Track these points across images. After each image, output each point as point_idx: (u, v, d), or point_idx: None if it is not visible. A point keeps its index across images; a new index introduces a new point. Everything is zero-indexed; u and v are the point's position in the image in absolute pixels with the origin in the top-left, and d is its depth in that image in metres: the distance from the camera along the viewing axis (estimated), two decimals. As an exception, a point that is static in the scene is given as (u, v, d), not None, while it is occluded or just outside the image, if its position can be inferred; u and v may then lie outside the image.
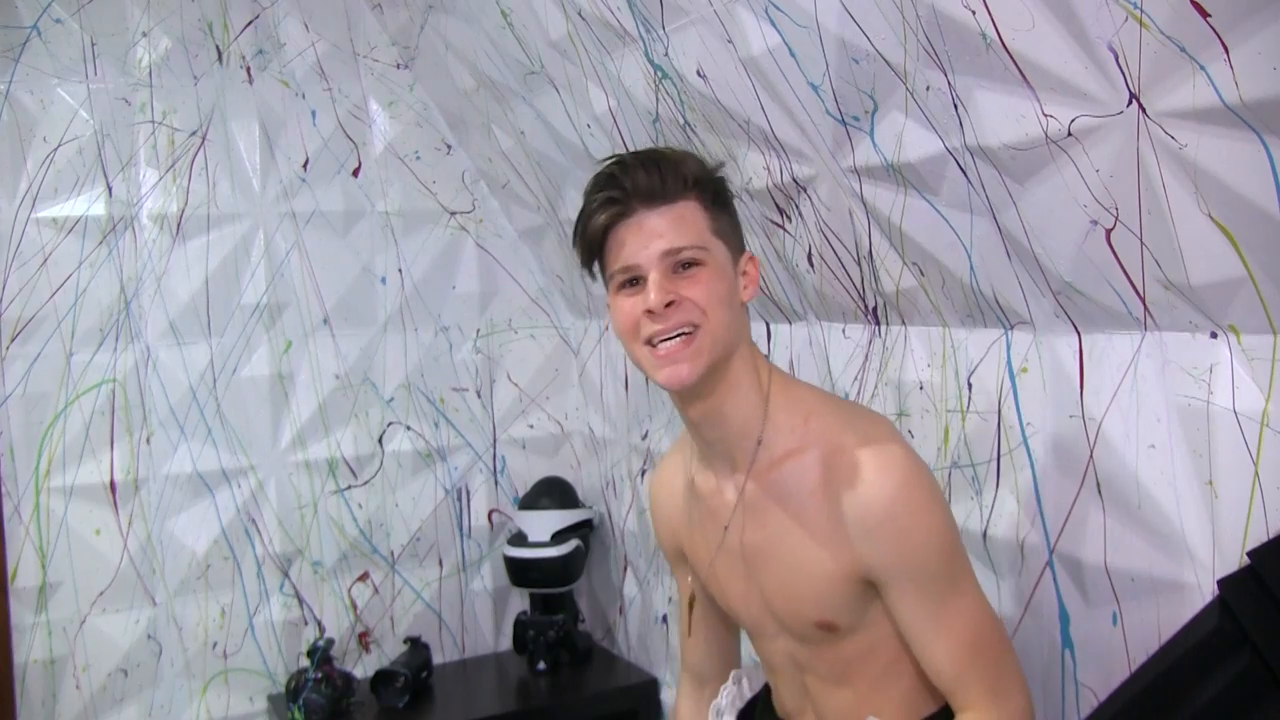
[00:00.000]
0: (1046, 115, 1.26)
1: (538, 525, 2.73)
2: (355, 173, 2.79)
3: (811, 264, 1.87)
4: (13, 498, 2.48)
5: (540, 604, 2.79)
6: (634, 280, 1.31)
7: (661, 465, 1.62)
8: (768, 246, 1.96)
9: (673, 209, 1.31)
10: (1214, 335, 1.26)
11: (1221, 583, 1.22)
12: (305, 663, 2.57)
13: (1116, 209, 1.26)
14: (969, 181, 1.45)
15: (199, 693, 2.63)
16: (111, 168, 2.57)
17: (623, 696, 2.64)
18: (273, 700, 2.65)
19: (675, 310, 1.29)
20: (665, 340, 1.29)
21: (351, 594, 2.78)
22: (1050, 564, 1.51)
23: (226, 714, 2.65)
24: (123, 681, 2.57)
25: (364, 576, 2.79)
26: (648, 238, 1.30)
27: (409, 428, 2.84)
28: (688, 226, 1.31)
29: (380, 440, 2.81)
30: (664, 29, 1.84)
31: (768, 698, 1.56)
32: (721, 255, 1.33)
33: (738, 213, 1.41)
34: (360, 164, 2.80)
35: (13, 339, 2.48)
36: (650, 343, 1.30)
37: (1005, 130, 1.32)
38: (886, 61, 1.45)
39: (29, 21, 2.51)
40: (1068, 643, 1.50)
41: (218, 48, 2.66)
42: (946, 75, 1.37)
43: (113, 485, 2.57)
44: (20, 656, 2.48)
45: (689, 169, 1.33)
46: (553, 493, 2.83)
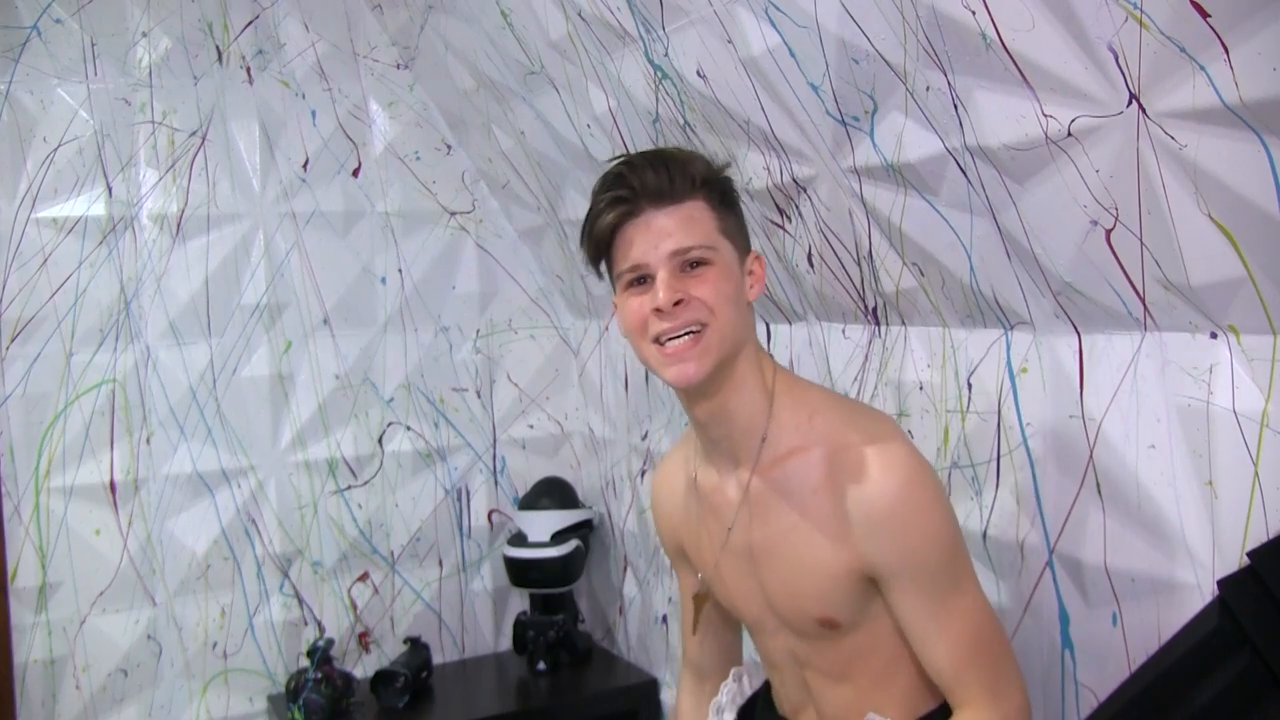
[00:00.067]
0: (1046, 115, 1.26)
1: (538, 525, 2.73)
2: (355, 173, 2.79)
3: (811, 264, 1.87)
4: (13, 498, 2.48)
5: (540, 604, 2.79)
6: (642, 279, 1.32)
7: (664, 463, 1.63)
8: (768, 247, 1.96)
9: (681, 209, 1.31)
10: (1214, 335, 1.26)
11: (1221, 583, 1.22)
12: (305, 663, 2.57)
13: (1116, 209, 1.26)
14: (969, 182, 1.45)
15: (199, 693, 2.63)
16: (111, 168, 2.57)
17: (623, 697, 2.64)
18: (273, 700, 2.65)
19: (683, 309, 1.30)
20: (673, 339, 1.30)
21: (351, 594, 2.78)
22: (1050, 564, 1.51)
23: (226, 714, 2.65)
24: (123, 682, 2.57)
25: (364, 577, 2.79)
26: (656, 237, 1.31)
27: (409, 428, 2.84)
28: (696, 226, 1.31)
29: (380, 440, 2.81)
30: (664, 29, 1.84)
31: (768, 695, 1.56)
32: (729, 254, 1.34)
33: (743, 213, 1.42)
34: (360, 164, 2.80)
35: (13, 339, 2.48)
36: (658, 341, 1.31)
37: (1005, 130, 1.32)
38: (886, 62, 1.45)
39: (29, 21, 2.51)
40: (1067, 643, 1.50)
41: (218, 48, 2.66)
42: (946, 75, 1.37)
43: (113, 485, 2.57)
44: (20, 656, 2.48)
45: (696, 169, 1.34)
46: (553, 493, 2.83)
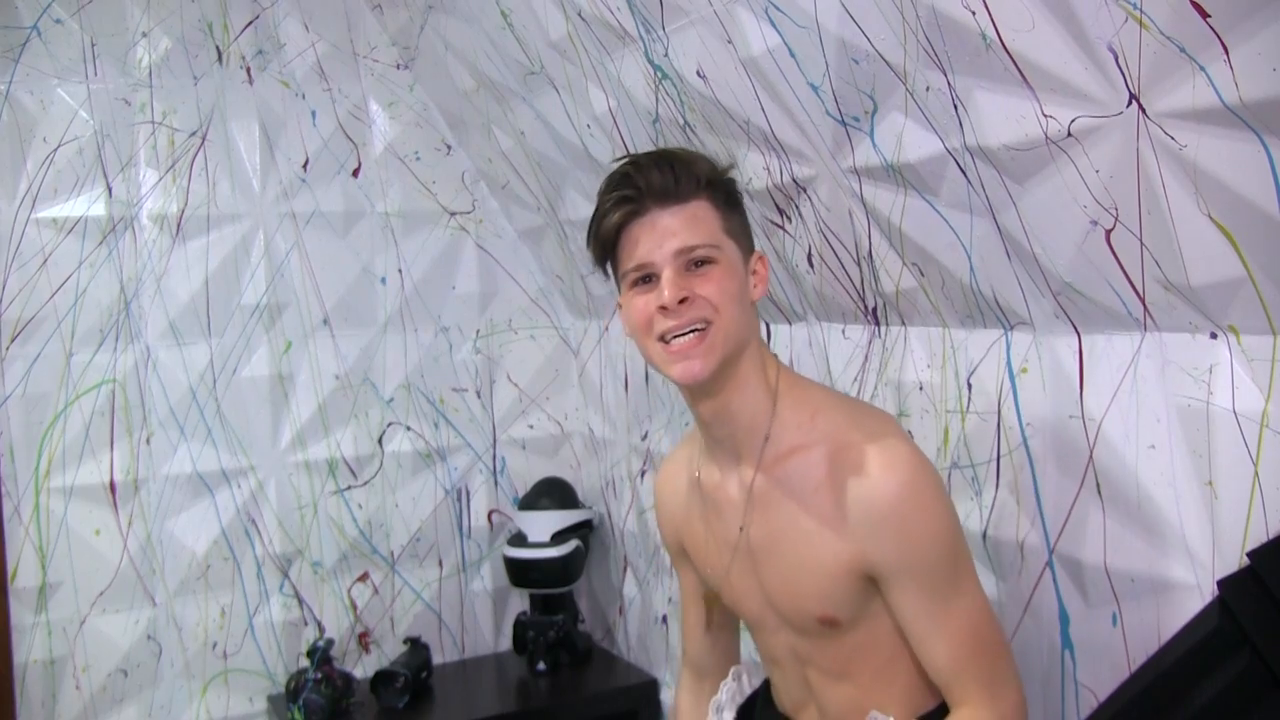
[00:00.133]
0: (1046, 116, 1.26)
1: (537, 526, 2.73)
2: (355, 173, 2.79)
3: (811, 264, 1.87)
4: (13, 498, 2.48)
5: (540, 604, 2.79)
6: (647, 278, 1.33)
7: (666, 462, 1.64)
8: (768, 247, 1.96)
9: (686, 208, 1.33)
10: (1214, 336, 1.26)
11: (1221, 583, 1.22)
12: (305, 663, 2.57)
13: (1116, 209, 1.26)
14: (969, 182, 1.45)
15: (199, 693, 2.63)
16: (111, 168, 2.57)
17: (622, 697, 2.64)
18: (272, 701, 2.65)
19: (688, 307, 1.31)
20: (678, 336, 1.31)
21: (351, 594, 2.78)
22: (1050, 564, 1.51)
23: (226, 714, 2.65)
24: (122, 682, 2.57)
25: (364, 577, 2.79)
26: (661, 236, 1.32)
27: (409, 428, 2.84)
28: (700, 225, 1.33)
29: (380, 440, 2.81)
30: (664, 29, 1.84)
31: (768, 693, 1.57)
32: (733, 254, 1.35)
33: (747, 213, 1.43)
34: (360, 164, 2.80)
35: (13, 339, 2.48)
36: (663, 339, 1.32)
37: (1005, 131, 1.32)
38: (886, 62, 1.45)
39: (29, 22, 2.51)
40: (1068, 643, 1.50)
41: (218, 48, 2.66)
42: (946, 76, 1.37)
43: (112, 485, 2.57)
44: (20, 657, 2.48)
45: (701, 170, 1.35)
46: (553, 493, 2.83)
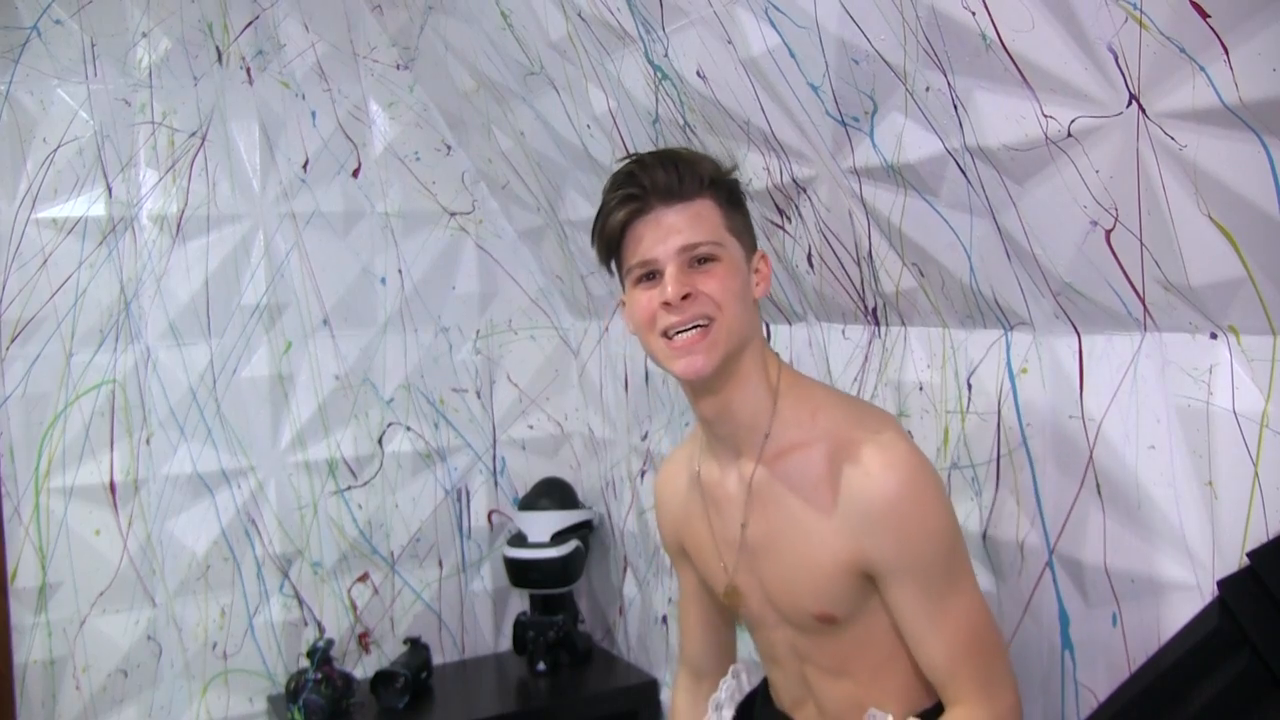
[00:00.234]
0: (1046, 116, 1.26)
1: (537, 526, 2.73)
2: (355, 173, 2.79)
3: (811, 265, 1.87)
4: (13, 498, 2.48)
5: (540, 605, 2.79)
6: (651, 274, 1.35)
7: (667, 461, 1.65)
8: (768, 247, 1.96)
9: (690, 206, 1.34)
10: (1214, 336, 1.26)
11: (1221, 583, 1.22)
12: (305, 663, 2.57)
13: (1116, 210, 1.26)
14: (969, 182, 1.45)
15: (199, 693, 2.63)
16: (111, 168, 2.57)
17: (622, 697, 2.64)
18: (272, 701, 2.65)
19: (691, 303, 1.32)
20: (681, 332, 1.33)
21: (351, 594, 2.78)
22: (1050, 565, 1.51)
23: (226, 714, 2.65)
24: (122, 682, 2.57)
25: (364, 577, 2.79)
26: (665, 233, 1.33)
27: (409, 428, 2.84)
28: (704, 223, 1.34)
29: (380, 441, 2.81)
30: (664, 30, 1.84)
31: (767, 691, 1.57)
32: (736, 252, 1.37)
33: (750, 214, 1.44)
34: (360, 165, 2.80)
35: (13, 339, 2.48)
36: (666, 335, 1.34)
37: (1005, 131, 1.32)
38: (886, 62, 1.45)
39: (29, 22, 2.51)
40: (1068, 644, 1.50)
41: (218, 48, 2.66)
42: (946, 76, 1.37)
43: (112, 486, 2.57)
44: (20, 657, 2.48)
45: (705, 169, 1.37)
46: (552, 493, 2.83)
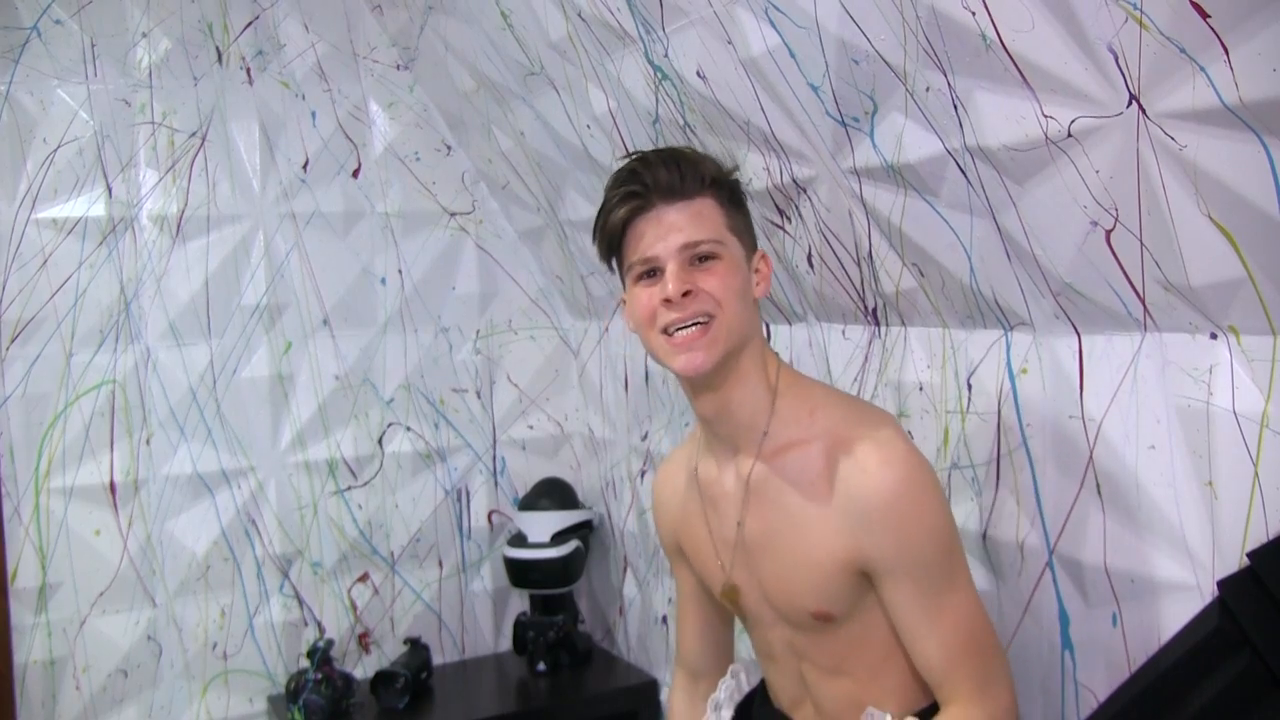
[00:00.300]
0: (1046, 116, 1.26)
1: (537, 526, 2.73)
2: (355, 174, 2.79)
3: (811, 265, 1.87)
4: (13, 498, 2.48)
5: (540, 605, 2.79)
6: (652, 272, 1.36)
7: (666, 462, 1.66)
8: (768, 247, 1.95)
9: (691, 205, 1.35)
10: (1214, 336, 1.26)
11: (1221, 583, 1.22)
12: (305, 664, 2.57)
13: (1116, 210, 1.26)
14: (969, 182, 1.45)
15: (199, 694, 2.63)
16: (111, 169, 2.57)
17: (622, 697, 2.64)
18: (272, 701, 2.65)
19: (692, 300, 1.33)
20: (682, 329, 1.33)
21: (351, 595, 2.78)
22: (1050, 565, 1.51)
23: (226, 715, 2.64)
24: (122, 682, 2.57)
25: (364, 577, 2.79)
26: (666, 230, 1.34)
27: (409, 428, 2.84)
28: (705, 221, 1.35)
29: (380, 441, 2.81)
30: (664, 30, 1.84)
31: (765, 691, 1.57)
32: (737, 251, 1.38)
33: (750, 214, 1.45)
34: (360, 165, 2.80)
35: (13, 340, 2.48)
36: (666, 331, 1.34)
37: (1005, 131, 1.32)
38: (886, 62, 1.45)
39: (29, 22, 2.51)
40: (1068, 644, 1.50)
41: (217, 49, 2.66)
42: (946, 76, 1.37)
43: (112, 486, 2.57)
44: (20, 657, 2.48)
45: (707, 169, 1.38)
46: (553, 494, 2.83)
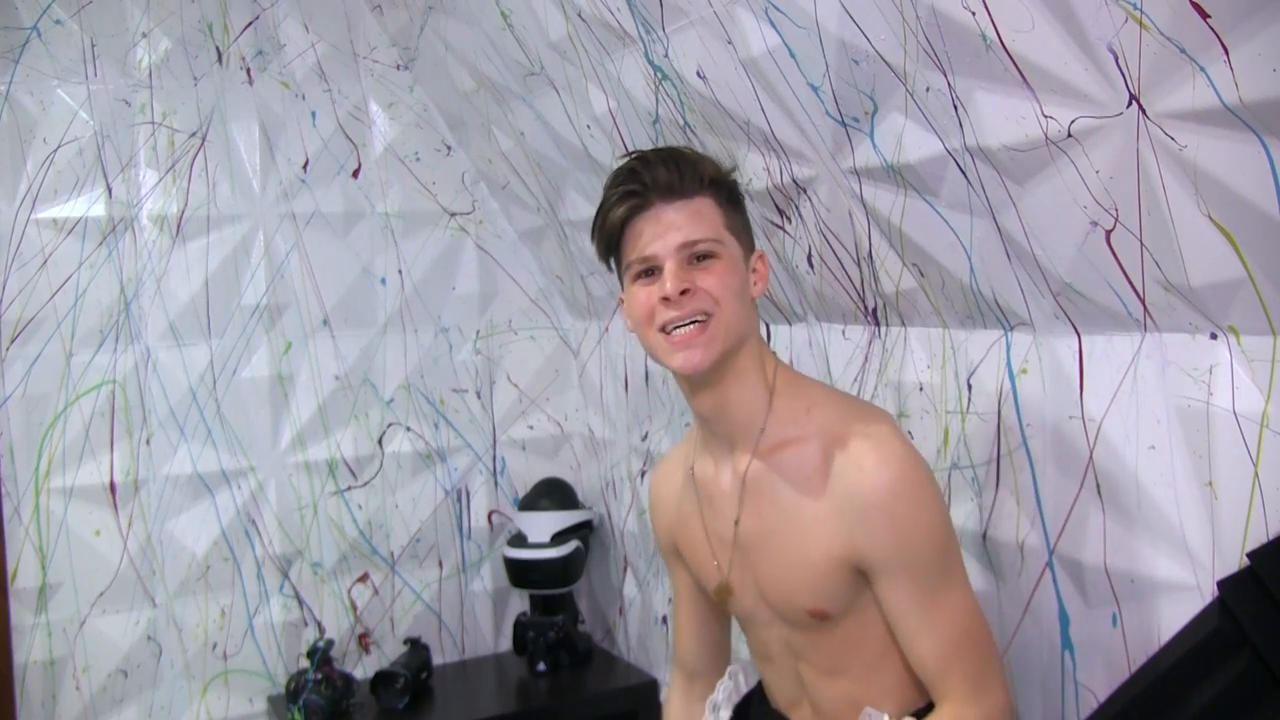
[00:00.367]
0: (1046, 116, 1.26)
1: (537, 526, 2.73)
2: (355, 174, 2.79)
3: (811, 265, 1.87)
4: (13, 499, 2.48)
5: (540, 605, 2.79)
6: (650, 270, 1.36)
7: (663, 461, 1.66)
8: (768, 247, 1.96)
9: (689, 204, 1.36)
10: (1214, 336, 1.26)
11: (1221, 584, 1.22)
12: (305, 664, 2.57)
13: (1116, 210, 1.26)
14: (969, 183, 1.45)
15: (199, 694, 2.63)
16: (111, 169, 2.57)
17: (622, 697, 2.64)
18: (272, 701, 2.65)
19: (690, 299, 1.33)
20: (680, 327, 1.34)
21: (351, 595, 2.78)
22: (1050, 565, 1.51)
23: (226, 715, 2.64)
24: (122, 683, 2.57)
25: (364, 577, 2.79)
26: (665, 229, 1.35)
27: (409, 429, 2.84)
28: (704, 221, 1.36)
29: (380, 441, 2.81)
30: (664, 30, 1.84)
31: (763, 692, 1.57)
32: (735, 250, 1.38)
33: (749, 213, 1.46)
34: (360, 165, 2.80)
35: (13, 340, 2.48)
36: (665, 330, 1.35)
37: (1005, 131, 1.32)
38: (886, 63, 1.45)
39: (29, 22, 2.51)
40: (1068, 644, 1.50)
41: (218, 49, 2.66)
42: (946, 76, 1.37)
43: (112, 486, 2.57)
44: (20, 657, 2.48)
45: (706, 168, 1.39)
46: (553, 494, 2.83)
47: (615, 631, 2.89)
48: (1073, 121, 1.24)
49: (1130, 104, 1.18)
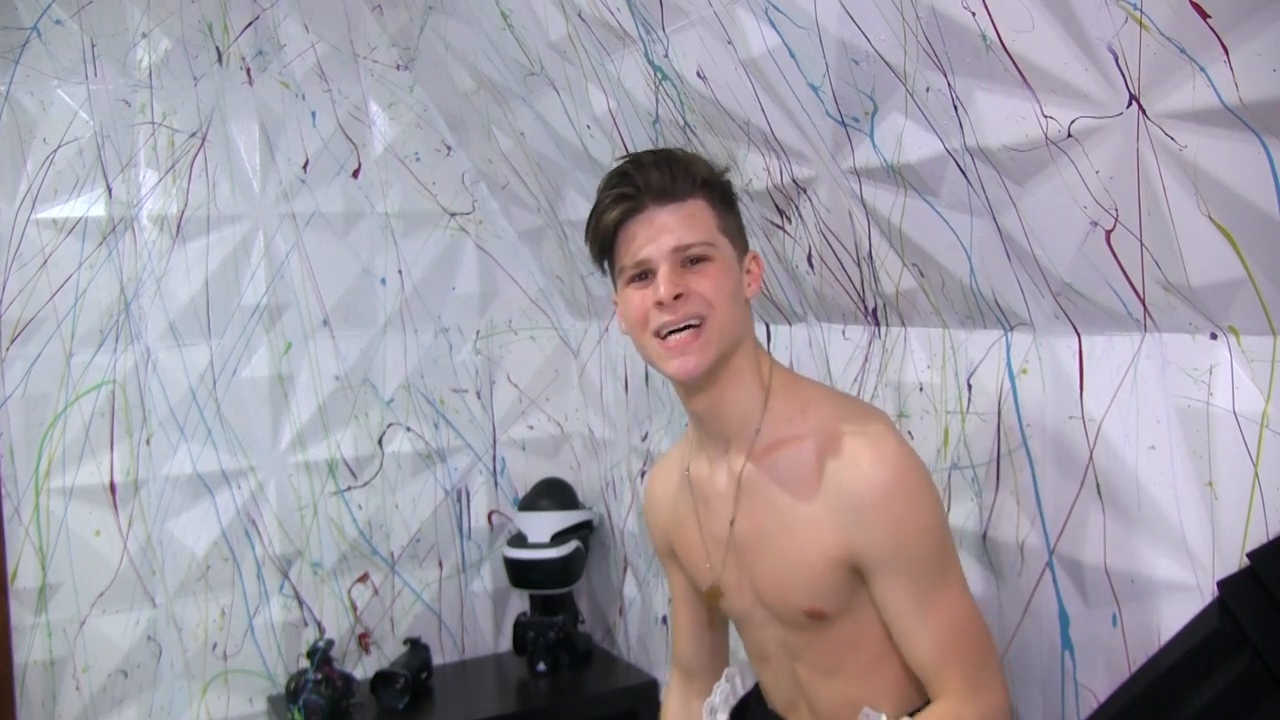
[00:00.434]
0: (1046, 116, 1.26)
1: (537, 526, 2.73)
2: (355, 174, 2.79)
3: (811, 265, 1.87)
4: (13, 499, 2.48)
5: (540, 605, 2.79)
6: (644, 274, 1.36)
7: (659, 463, 1.66)
8: (768, 248, 1.96)
9: (683, 206, 1.35)
10: (1214, 336, 1.26)
11: (1221, 584, 1.22)
12: (305, 664, 2.57)
13: (1116, 210, 1.26)
14: (969, 183, 1.45)
15: (199, 694, 2.63)
16: (111, 169, 2.57)
17: (623, 697, 2.64)
18: (272, 701, 2.65)
19: (684, 303, 1.33)
20: (674, 332, 1.34)
21: (351, 595, 2.78)
22: (1050, 565, 1.51)
23: (226, 715, 2.64)
24: (122, 683, 2.57)
25: (364, 577, 2.79)
26: (658, 232, 1.34)
27: (409, 429, 2.84)
28: (697, 223, 1.35)
29: (380, 441, 2.81)
30: (664, 30, 1.84)
31: (760, 694, 1.57)
32: (728, 252, 1.38)
33: (741, 214, 1.45)
34: (360, 165, 2.80)
35: (13, 340, 2.48)
36: (659, 334, 1.34)
37: (1005, 131, 1.32)
38: (886, 63, 1.45)
39: (29, 23, 2.51)
40: (1068, 644, 1.50)
41: (217, 49, 2.66)
42: (946, 76, 1.37)
43: (112, 486, 2.57)
44: (20, 657, 2.48)
45: (699, 170, 1.38)
46: (553, 494, 2.83)
47: (615, 631, 2.89)
48: (1073, 121, 1.24)
49: (1130, 104, 1.18)
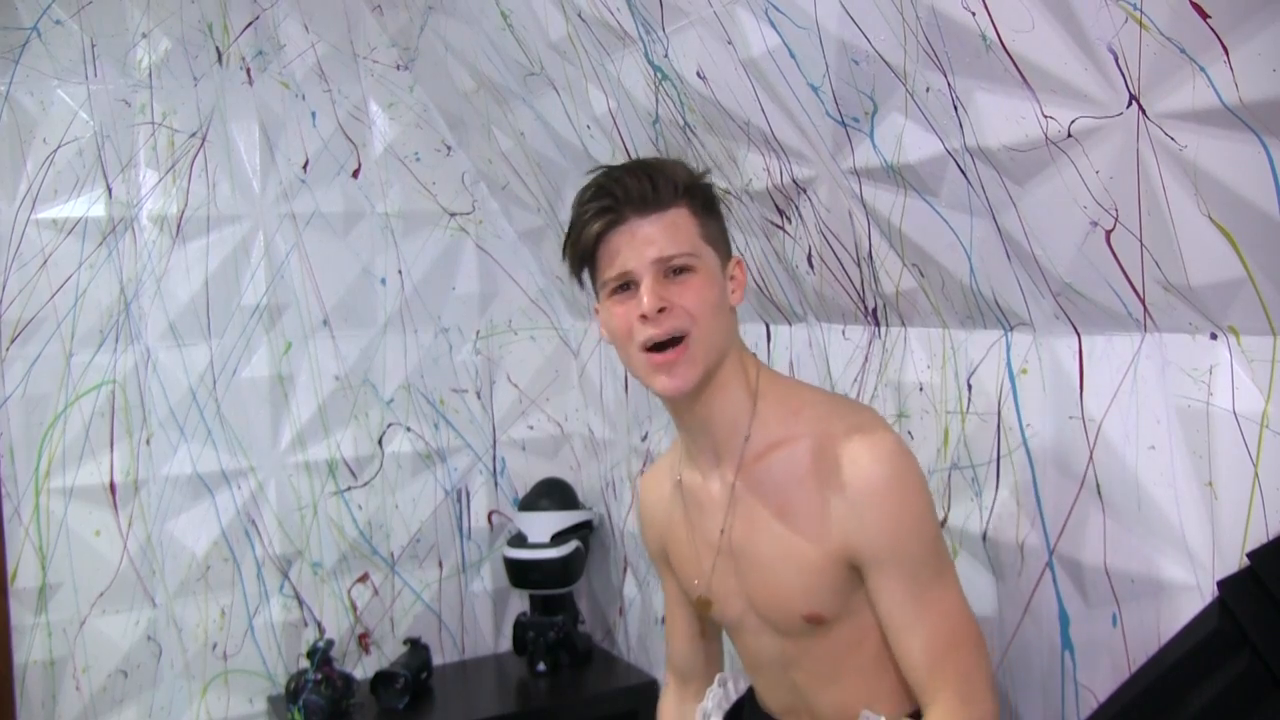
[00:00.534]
0: (1046, 116, 1.26)
1: (537, 526, 2.73)
2: (355, 174, 2.79)
3: (811, 265, 1.87)
4: (13, 499, 2.48)
5: (540, 605, 2.79)
6: (626, 285, 1.34)
7: (650, 470, 1.65)
8: (767, 248, 1.96)
9: (664, 216, 1.34)
10: (1214, 336, 1.26)
11: (1221, 584, 1.22)
12: (305, 664, 2.57)
13: (1116, 210, 1.26)
14: (969, 183, 1.45)
15: (199, 694, 2.63)
16: (111, 169, 2.57)
17: (622, 697, 2.64)
18: (272, 701, 2.65)
19: (668, 316, 1.32)
20: (660, 346, 1.32)
21: (351, 595, 2.78)
22: (1050, 565, 1.51)
23: (226, 715, 2.64)
24: (122, 683, 2.57)
25: (364, 578, 2.79)
26: (641, 244, 1.32)
27: (409, 429, 2.84)
28: (680, 234, 1.34)
29: (380, 441, 2.81)
30: (664, 30, 1.84)
31: (754, 698, 1.57)
32: (712, 261, 1.36)
33: (724, 218, 1.44)
34: (360, 165, 2.80)
35: (13, 340, 2.48)
36: (645, 349, 1.33)
37: (1005, 132, 1.32)
38: (886, 63, 1.45)
39: (29, 23, 2.51)
40: (1068, 644, 1.50)
41: (217, 49, 2.66)
42: (946, 76, 1.37)
43: (112, 486, 2.57)
44: (20, 657, 2.48)
45: (679, 176, 1.36)
46: (552, 494, 2.83)
47: (615, 631, 2.89)
48: (1073, 121, 1.24)
49: (1130, 104, 1.18)
